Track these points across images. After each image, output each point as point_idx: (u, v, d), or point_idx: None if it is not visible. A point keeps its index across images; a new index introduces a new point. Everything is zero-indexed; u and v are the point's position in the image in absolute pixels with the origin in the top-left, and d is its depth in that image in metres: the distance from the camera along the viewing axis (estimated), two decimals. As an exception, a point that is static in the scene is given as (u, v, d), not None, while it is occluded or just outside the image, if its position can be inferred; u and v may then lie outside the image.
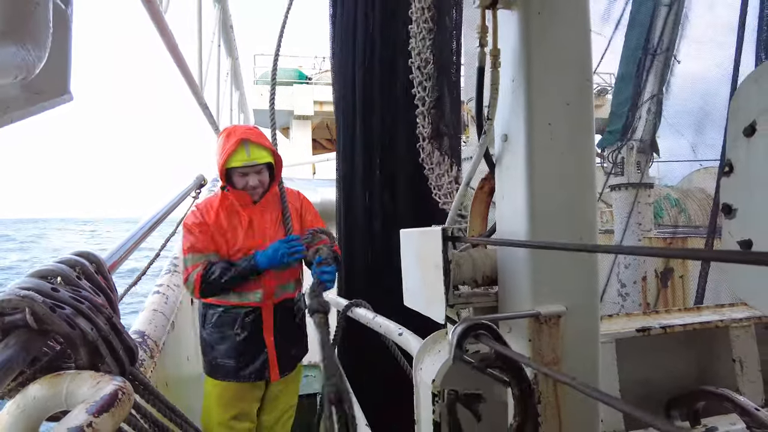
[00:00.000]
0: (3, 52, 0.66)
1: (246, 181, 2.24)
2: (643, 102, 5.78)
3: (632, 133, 5.72)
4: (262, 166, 2.27)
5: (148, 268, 2.45)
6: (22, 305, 0.96)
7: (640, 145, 5.70)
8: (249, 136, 2.21)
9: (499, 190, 1.20)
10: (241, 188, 2.25)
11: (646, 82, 5.74)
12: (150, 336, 1.93)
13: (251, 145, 2.20)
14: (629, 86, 5.81)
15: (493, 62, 1.12)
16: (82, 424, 0.76)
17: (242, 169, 2.21)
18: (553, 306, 1.08)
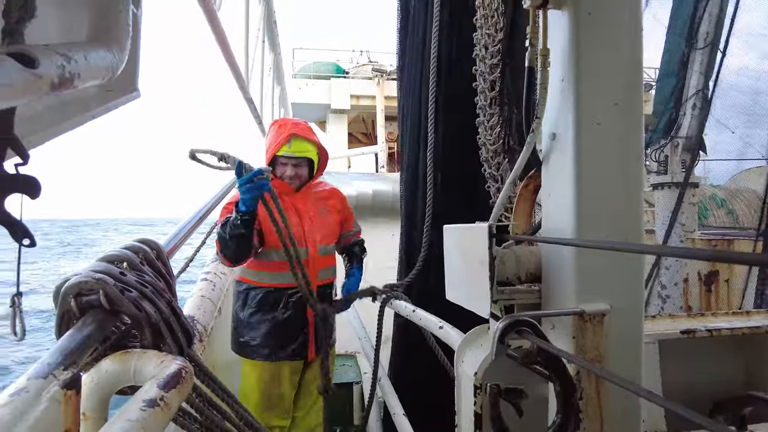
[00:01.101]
0: (94, 56, 0.72)
1: (284, 170, 2.39)
2: (688, 98, 5.58)
3: (677, 131, 5.53)
4: (302, 160, 2.39)
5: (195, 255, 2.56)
6: (97, 287, 1.04)
7: (686, 143, 5.51)
8: (296, 130, 2.33)
9: (546, 188, 1.21)
10: (281, 175, 2.40)
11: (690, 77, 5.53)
12: (199, 321, 2.03)
13: (295, 139, 2.32)
14: (673, 82, 5.61)
15: (543, 62, 1.14)
16: (155, 397, 0.83)
17: (283, 158, 2.37)
18: (597, 304, 1.09)
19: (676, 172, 5.57)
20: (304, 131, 2.36)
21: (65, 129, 0.83)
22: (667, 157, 5.60)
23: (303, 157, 2.38)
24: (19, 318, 0.84)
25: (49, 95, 0.64)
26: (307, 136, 2.35)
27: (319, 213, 2.47)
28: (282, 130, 2.34)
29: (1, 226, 0.65)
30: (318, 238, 2.44)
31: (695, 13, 5.39)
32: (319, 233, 2.45)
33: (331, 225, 2.53)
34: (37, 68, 0.58)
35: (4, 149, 0.64)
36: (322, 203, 2.52)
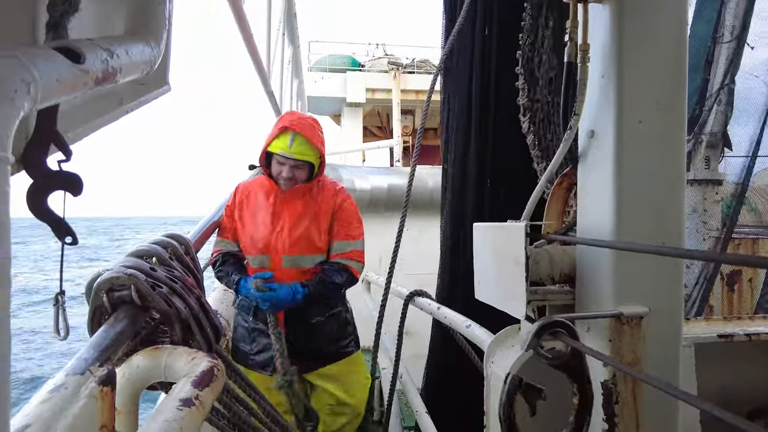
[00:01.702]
0: (134, 51, 0.71)
1: (280, 171, 2.07)
2: (712, 93, 5.45)
3: (701, 127, 5.41)
4: (302, 162, 2.07)
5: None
6: (128, 283, 1.03)
7: (711, 139, 5.38)
8: (300, 129, 2.02)
9: (582, 186, 1.18)
10: (275, 175, 2.10)
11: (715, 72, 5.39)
12: (222, 314, 2.03)
13: (298, 139, 2.02)
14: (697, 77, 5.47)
15: (583, 57, 1.10)
16: (190, 396, 0.82)
17: (280, 157, 2.05)
18: (635, 307, 1.06)
19: (699, 168, 5.45)
20: (309, 132, 2.04)
21: (102, 124, 0.83)
22: (690, 153, 5.48)
23: (303, 160, 2.06)
24: (62, 317, 0.84)
25: (93, 90, 0.63)
26: (311, 139, 2.04)
27: (298, 219, 2.12)
28: (280, 123, 2.06)
29: (45, 223, 0.64)
30: (285, 246, 2.09)
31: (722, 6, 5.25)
32: (288, 241, 2.09)
33: (311, 234, 2.12)
34: (83, 63, 0.57)
35: (47, 145, 0.63)
36: (310, 208, 2.14)
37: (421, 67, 9.94)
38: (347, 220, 2.19)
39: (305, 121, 2.08)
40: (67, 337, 0.87)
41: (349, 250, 2.15)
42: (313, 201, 2.16)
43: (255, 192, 2.20)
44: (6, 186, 0.44)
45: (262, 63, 2.45)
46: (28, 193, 0.64)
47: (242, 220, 2.17)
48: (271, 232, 2.10)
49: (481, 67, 2.29)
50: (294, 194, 2.12)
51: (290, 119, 2.06)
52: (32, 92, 0.47)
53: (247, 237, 2.14)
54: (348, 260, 2.14)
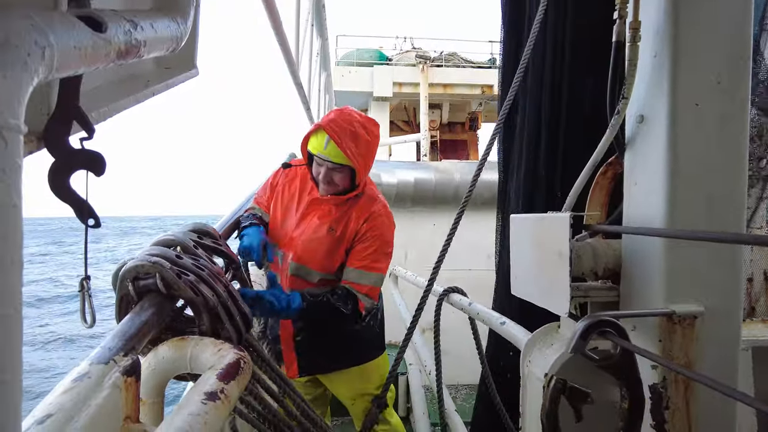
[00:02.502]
0: (160, 25, 0.67)
1: (318, 171, 1.84)
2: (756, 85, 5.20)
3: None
4: (339, 166, 1.80)
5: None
6: (153, 271, 1.01)
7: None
8: (331, 134, 1.75)
9: (630, 175, 1.10)
10: (315, 176, 1.87)
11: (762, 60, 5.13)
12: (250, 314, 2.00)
13: (332, 142, 1.76)
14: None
15: (633, 36, 1.02)
16: (216, 389, 0.79)
17: (317, 158, 1.82)
18: (689, 305, 0.98)
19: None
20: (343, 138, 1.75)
21: (127, 104, 0.79)
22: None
23: (340, 164, 1.78)
24: (88, 303, 0.81)
25: (115, 64, 0.59)
26: (341, 146, 1.75)
27: (321, 230, 1.89)
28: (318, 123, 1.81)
29: (67, 204, 0.61)
30: (297, 252, 1.90)
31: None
32: (302, 249, 1.89)
33: (326, 251, 1.88)
34: (104, 32, 0.53)
35: (70, 122, 0.60)
36: (337, 225, 1.88)
37: (450, 60, 9.80)
38: (375, 247, 1.87)
39: (343, 127, 1.77)
40: (94, 325, 0.84)
41: (366, 285, 1.85)
42: (343, 218, 1.89)
43: (297, 182, 2.02)
44: (18, 159, 0.40)
45: (291, 53, 2.41)
46: (49, 172, 0.61)
47: (276, 202, 2.02)
48: (292, 232, 1.94)
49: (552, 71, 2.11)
50: (327, 202, 1.89)
51: (327, 119, 1.80)
52: (47, 58, 0.43)
53: (272, 223, 2.02)
54: (361, 294, 1.84)
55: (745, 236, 0.92)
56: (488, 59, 10.47)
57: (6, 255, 0.39)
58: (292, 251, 1.91)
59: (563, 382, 1.10)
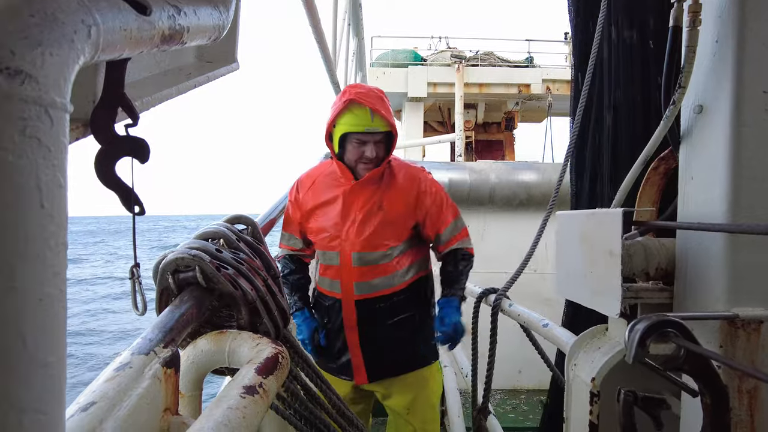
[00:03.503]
0: (202, 12, 0.67)
1: (361, 152, 1.74)
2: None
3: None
4: (383, 134, 1.76)
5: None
6: (193, 264, 1.01)
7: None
8: (372, 103, 1.70)
9: (686, 170, 1.03)
10: (355, 159, 1.77)
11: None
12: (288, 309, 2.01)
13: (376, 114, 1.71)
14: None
15: (692, 20, 0.96)
16: (254, 383, 0.78)
17: (362, 135, 1.72)
18: (755, 308, 0.91)
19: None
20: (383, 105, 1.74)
21: (170, 95, 0.80)
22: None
23: (384, 131, 1.75)
24: (139, 291, 0.81)
25: (158, 50, 0.58)
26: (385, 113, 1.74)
27: (370, 211, 1.82)
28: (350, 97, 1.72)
29: (113, 192, 0.61)
30: (356, 243, 1.82)
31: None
32: (359, 238, 1.82)
33: (383, 227, 1.82)
34: (149, 16, 0.53)
35: (115, 109, 0.59)
36: (385, 196, 1.84)
37: (485, 59, 9.67)
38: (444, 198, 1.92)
39: (372, 95, 1.75)
40: (146, 313, 0.85)
41: (463, 228, 1.93)
42: (386, 192, 1.84)
43: (322, 181, 1.91)
44: (64, 138, 0.40)
45: (329, 52, 2.41)
46: (95, 159, 0.61)
47: (311, 212, 1.90)
48: (341, 227, 1.83)
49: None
50: (367, 183, 1.82)
51: (356, 94, 1.71)
52: (93, 37, 0.43)
53: (316, 231, 1.90)
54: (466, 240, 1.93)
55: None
56: (525, 58, 10.29)
57: (51, 236, 0.38)
58: (348, 245, 1.83)
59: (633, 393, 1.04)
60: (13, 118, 0.35)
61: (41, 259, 0.37)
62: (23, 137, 0.36)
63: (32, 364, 0.36)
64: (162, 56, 0.87)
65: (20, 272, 0.36)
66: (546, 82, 9.35)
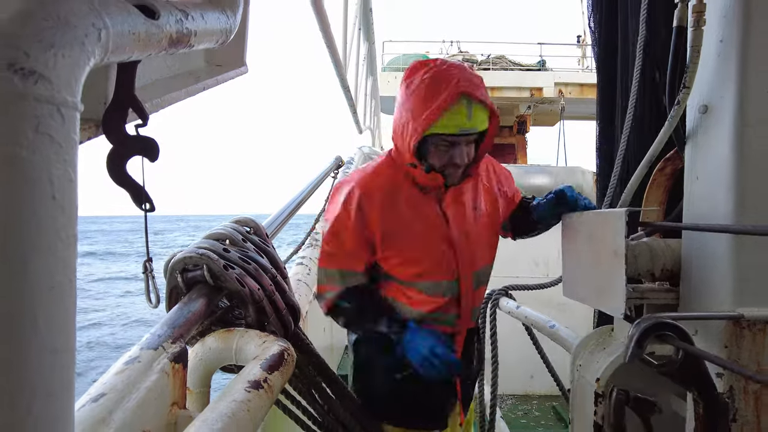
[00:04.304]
0: (210, 17, 0.69)
1: (451, 156, 1.30)
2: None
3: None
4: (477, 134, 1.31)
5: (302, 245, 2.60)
6: (201, 262, 1.03)
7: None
8: (471, 89, 1.23)
9: (691, 170, 1.03)
10: (440, 166, 1.32)
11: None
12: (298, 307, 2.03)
13: (475, 104, 1.24)
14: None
15: (697, 20, 0.96)
16: (260, 378, 0.80)
17: (454, 137, 1.27)
18: (761, 309, 0.91)
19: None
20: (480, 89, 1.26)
21: (179, 97, 0.82)
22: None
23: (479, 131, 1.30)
24: (152, 284, 0.85)
25: (167, 53, 0.61)
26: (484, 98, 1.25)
27: (474, 216, 1.44)
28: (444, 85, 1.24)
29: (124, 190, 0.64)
30: (475, 261, 1.43)
31: None
32: (478, 252, 1.44)
33: (490, 229, 1.49)
34: (157, 20, 0.55)
35: (126, 110, 0.62)
36: (477, 193, 1.46)
37: (497, 63, 9.67)
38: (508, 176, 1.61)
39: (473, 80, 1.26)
40: (159, 305, 0.88)
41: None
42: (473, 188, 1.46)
43: (395, 195, 1.38)
44: (75, 135, 0.42)
45: (339, 56, 2.44)
46: (107, 158, 0.63)
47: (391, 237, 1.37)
48: (453, 248, 1.40)
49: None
50: (458, 189, 1.41)
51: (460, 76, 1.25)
52: (103, 39, 0.45)
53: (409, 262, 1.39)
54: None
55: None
56: (537, 61, 10.26)
57: (62, 227, 0.40)
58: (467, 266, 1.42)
59: (625, 392, 1.04)
60: (27, 115, 0.38)
61: (52, 249, 0.39)
62: (36, 134, 0.38)
63: (43, 349, 0.38)
64: (172, 60, 0.90)
65: (32, 262, 0.38)
66: (558, 86, 9.31)
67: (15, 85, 0.37)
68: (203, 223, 74.81)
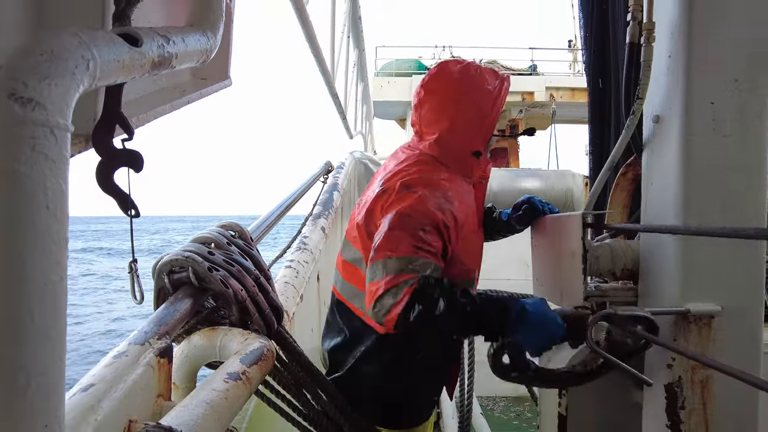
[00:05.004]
0: (191, 39, 0.76)
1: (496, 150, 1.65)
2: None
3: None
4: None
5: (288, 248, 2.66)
6: (186, 264, 1.09)
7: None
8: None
9: (647, 176, 1.11)
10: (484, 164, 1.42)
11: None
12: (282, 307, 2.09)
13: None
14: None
15: (647, 36, 1.04)
16: (238, 371, 0.86)
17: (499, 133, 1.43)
18: (705, 304, 0.98)
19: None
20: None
21: (165, 111, 0.89)
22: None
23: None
24: (137, 283, 0.92)
25: (150, 75, 0.67)
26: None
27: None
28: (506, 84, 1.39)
29: (112, 198, 0.70)
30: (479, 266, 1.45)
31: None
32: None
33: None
34: (140, 47, 0.62)
35: (113, 126, 0.68)
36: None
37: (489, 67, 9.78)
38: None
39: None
40: (143, 302, 0.96)
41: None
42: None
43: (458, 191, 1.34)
44: (66, 152, 0.48)
45: (326, 65, 2.51)
46: (96, 170, 0.70)
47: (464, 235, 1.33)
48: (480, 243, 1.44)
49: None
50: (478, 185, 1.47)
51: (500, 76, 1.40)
52: (91, 69, 0.51)
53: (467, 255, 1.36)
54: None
55: (764, 231, 0.92)
56: (529, 66, 10.38)
57: (55, 232, 0.47)
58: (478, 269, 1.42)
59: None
60: (26, 137, 0.44)
61: (47, 252, 0.46)
62: (33, 152, 0.45)
63: (38, 336, 0.44)
64: (159, 76, 0.96)
65: (29, 262, 0.44)
66: (549, 90, 9.42)
67: (15, 112, 0.43)
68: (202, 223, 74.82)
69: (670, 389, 0.99)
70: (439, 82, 1.41)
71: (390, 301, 1.17)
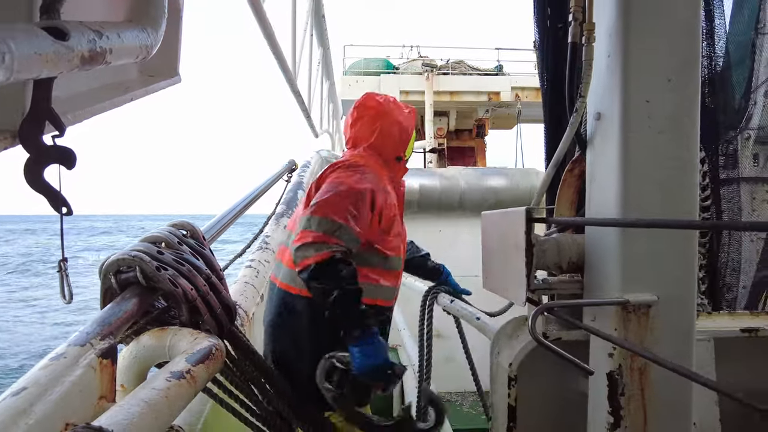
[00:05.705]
0: (128, 35, 0.74)
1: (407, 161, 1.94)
2: (758, 86, 5.14)
3: (747, 122, 5.12)
4: None
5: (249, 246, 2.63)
6: (134, 264, 1.07)
7: (759, 134, 5.09)
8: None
9: (590, 172, 1.14)
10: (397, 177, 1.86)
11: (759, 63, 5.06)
12: (241, 306, 2.07)
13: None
14: (743, 70, 5.17)
15: (588, 37, 1.07)
16: (183, 370, 0.85)
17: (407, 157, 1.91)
18: (643, 294, 1.02)
19: (747, 166, 5.17)
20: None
21: (104, 109, 0.87)
22: (736, 151, 5.20)
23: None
24: (66, 283, 0.90)
25: (81, 69, 0.66)
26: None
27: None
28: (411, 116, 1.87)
29: (42, 195, 0.68)
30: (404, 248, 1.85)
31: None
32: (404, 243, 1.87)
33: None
34: (67, 41, 0.60)
35: (42, 121, 0.66)
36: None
37: (456, 68, 9.88)
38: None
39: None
40: (72, 302, 0.93)
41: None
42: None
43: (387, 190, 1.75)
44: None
45: (287, 63, 2.49)
46: (25, 166, 0.68)
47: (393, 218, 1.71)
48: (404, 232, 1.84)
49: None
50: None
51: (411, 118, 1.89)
52: (7, 62, 0.50)
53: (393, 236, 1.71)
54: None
55: (696, 222, 0.96)
56: (495, 66, 10.53)
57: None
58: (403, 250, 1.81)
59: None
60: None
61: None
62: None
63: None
64: (102, 71, 0.94)
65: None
66: (515, 90, 9.58)
67: None
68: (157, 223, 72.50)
69: (611, 377, 1.03)
70: (367, 108, 1.84)
71: (312, 251, 1.45)
